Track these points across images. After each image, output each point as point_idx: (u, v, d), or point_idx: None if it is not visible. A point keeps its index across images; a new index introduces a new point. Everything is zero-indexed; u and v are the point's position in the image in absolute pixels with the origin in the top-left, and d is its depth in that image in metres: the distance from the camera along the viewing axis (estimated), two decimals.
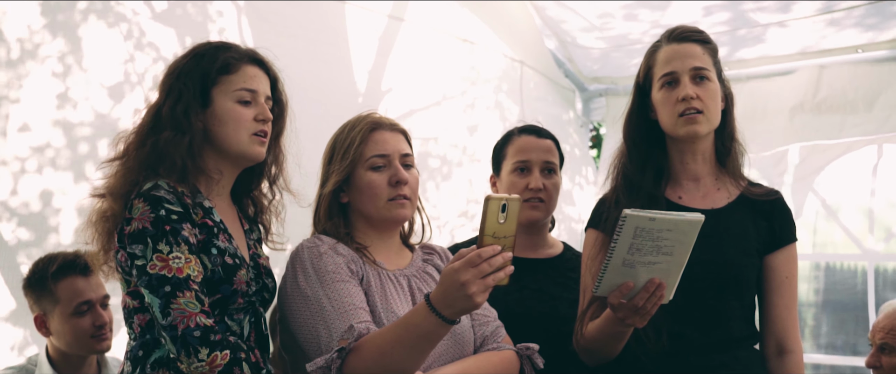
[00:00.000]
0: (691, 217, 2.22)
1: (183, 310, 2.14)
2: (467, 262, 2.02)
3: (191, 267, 2.19)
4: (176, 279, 2.16)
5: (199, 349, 2.13)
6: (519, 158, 3.06)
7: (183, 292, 2.16)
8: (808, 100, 4.99)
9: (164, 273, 2.17)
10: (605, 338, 2.53)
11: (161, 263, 2.17)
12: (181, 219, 2.22)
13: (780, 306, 2.64)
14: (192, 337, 2.13)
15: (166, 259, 2.18)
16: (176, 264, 2.17)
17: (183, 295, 2.15)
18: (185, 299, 2.15)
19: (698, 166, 2.67)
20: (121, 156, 2.35)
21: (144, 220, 2.20)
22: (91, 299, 3.05)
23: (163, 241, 2.18)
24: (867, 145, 5.11)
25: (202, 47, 2.41)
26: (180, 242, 2.19)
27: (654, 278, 2.29)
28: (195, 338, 2.13)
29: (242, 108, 2.36)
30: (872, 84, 4.82)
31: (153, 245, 2.18)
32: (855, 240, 5.36)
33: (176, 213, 2.22)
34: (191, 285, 2.17)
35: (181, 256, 2.18)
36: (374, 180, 2.46)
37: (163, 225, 2.19)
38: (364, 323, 2.24)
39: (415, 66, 4.93)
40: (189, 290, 2.16)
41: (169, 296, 2.15)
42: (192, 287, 2.17)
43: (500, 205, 2.02)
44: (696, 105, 2.56)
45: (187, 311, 2.14)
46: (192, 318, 2.14)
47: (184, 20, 3.93)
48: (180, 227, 2.21)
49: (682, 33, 2.66)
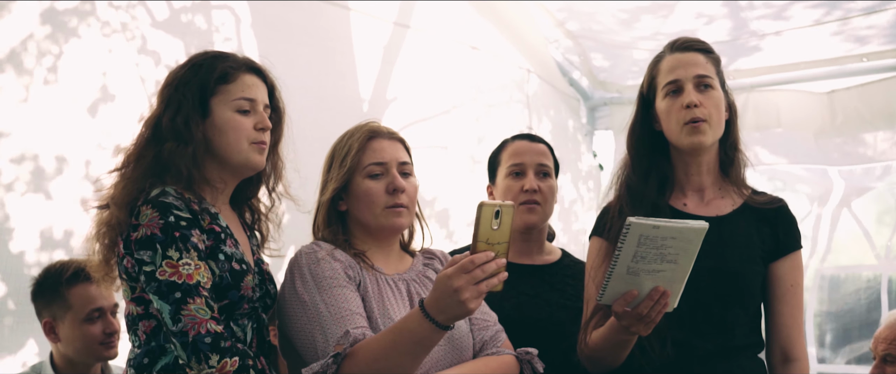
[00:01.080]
0: (695, 225, 2.21)
1: (194, 316, 2.14)
2: (460, 268, 2.02)
3: (200, 273, 2.19)
4: (186, 286, 2.16)
5: (210, 356, 2.13)
6: (513, 161, 3.07)
7: (193, 299, 2.16)
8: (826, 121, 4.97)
9: (174, 280, 2.16)
10: (609, 346, 2.52)
11: (171, 269, 2.17)
12: (190, 225, 2.22)
13: (786, 315, 2.63)
14: (203, 343, 2.13)
15: (176, 266, 2.18)
16: (186, 271, 2.17)
17: (193, 302, 2.16)
18: (196, 306, 2.15)
19: (702, 177, 2.66)
20: (121, 167, 2.35)
21: (153, 226, 2.20)
22: (103, 306, 3.06)
23: (173, 247, 2.18)
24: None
25: (199, 57, 2.42)
26: (190, 248, 2.20)
27: (658, 286, 2.28)
28: (206, 345, 2.13)
29: (241, 117, 2.36)
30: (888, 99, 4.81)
31: (163, 251, 2.18)
32: (874, 250, 5.34)
33: (185, 219, 2.22)
34: (201, 292, 2.17)
35: (191, 262, 2.18)
36: (371, 188, 2.46)
37: (172, 231, 2.19)
38: (360, 329, 2.24)
39: (420, 73, 4.93)
40: (199, 296, 2.16)
41: (179, 302, 2.15)
42: (202, 294, 2.17)
43: (494, 211, 2.02)
44: (699, 113, 2.56)
45: (198, 317, 2.15)
46: (203, 324, 2.14)
47: (189, 28, 3.94)
48: (189, 233, 2.21)
49: (684, 43, 2.67)
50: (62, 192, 3.56)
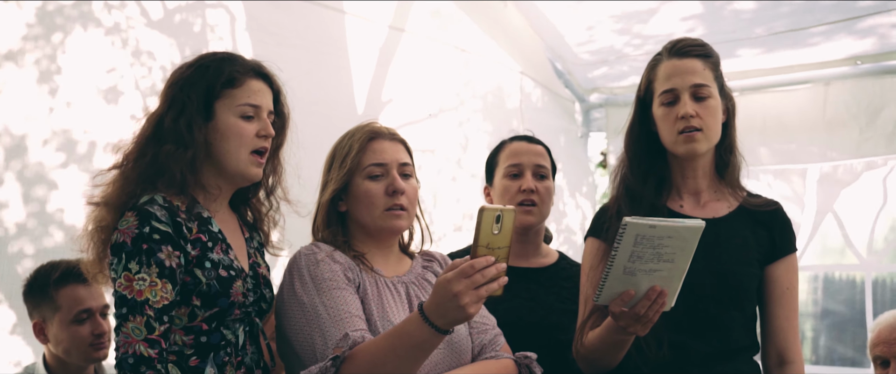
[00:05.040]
0: (692, 224, 2.21)
1: (128, 335, 2.15)
2: (460, 273, 2.01)
3: (154, 292, 2.18)
4: (133, 302, 2.16)
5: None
6: (511, 161, 3.07)
7: (134, 317, 2.16)
8: (817, 117, 4.98)
9: (125, 294, 2.17)
10: (605, 347, 2.52)
11: (126, 282, 2.18)
12: (164, 240, 2.21)
13: (781, 317, 2.63)
14: (127, 364, 2.14)
15: (132, 279, 2.18)
16: (138, 286, 2.17)
17: (133, 320, 2.16)
18: (134, 325, 2.15)
19: (698, 181, 2.67)
20: (119, 165, 2.35)
21: (127, 234, 2.20)
22: (91, 307, 3.05)
23: (134, 260, 2.18)
24: (888, 162, 5.09)
25: (207, 58, 2.40)
26: (152, 263, 2.18)
27: (655, 285, 2.28)
28: (128, 365, 2.14)
29: (245, 123, 2.35)
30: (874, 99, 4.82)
31: (125, 263, 2.19)
32: (856, 252, 5.35)
33: (160, 233, 2.20)
34: (145, 311, 2.16)
35: (147, 278, 2.18)
36: (371, 189, 2.45)
37: (140, 243, 2.19)
38: (359, 331, 2.24)
39: (414, 76, 4.93)
40: (141, 315, 2.16)
41: (122, 318, 2.17)
42: (145, 312, 2.16)
43: (495, 216, 2.02)
44: (695, 124, 2.56)
45: (131, 337, 2.15)
46: (133, 345, 2.14)
47: (182, 29, 3.92)
48: (158, 248, 2.20)
49: (682, 48, 2.65)
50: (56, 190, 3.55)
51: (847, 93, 4.91)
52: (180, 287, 2.23)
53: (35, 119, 3.50)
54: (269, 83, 2.43)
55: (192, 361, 2.26)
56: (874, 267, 5.30)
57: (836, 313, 5.59)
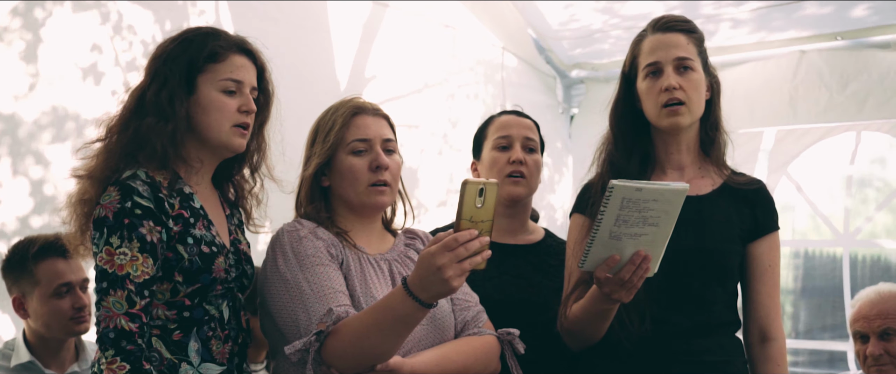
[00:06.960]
0: (676, 186, 2.23)
1: (109, 309, 2.15)
2: (444, 246, 2.02)
3: (134, 266, 2.18)
4: (113, 276, 2.17)
5: (107, 350, 2.14)
6: (500, 134, 3.05)
7: (115, 291, 2.16)
8: (785, 84, 5.00)
9: (105, 268, 2.18)
10: (589, 318, 2.53)
11: (107, 256, 2.18)
12: (145, 215, 2.21)
13: (763, 294, 2.65)
14: (108, 338, 2.14)
15: (113, 254, 2.18)
16: (119, 261, 2.17)
17: (114, 294, 2.16)
18: (115, 299, 2.16)
19: (682, 156, 2.68)
20: (103, 138, 2.34)
21: (109, 209, 2.20)
22: (71, 281, 3.03)
23: (116, 234, 2.18)
24: (846, 132, 5.12)
25: (191, 33, 2.39)
26: (133, 238, 2.18)
27: (640, 250, 2.29)
28: (109, 339, 2.14)
29: (227, 98, 2.35)
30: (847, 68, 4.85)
31: (106, 237, 2.19)
32: (831, 227, 5.38)
33: (141, 208, 2.20)
34: (126, 285, 2.16)
35: (128, 253, 2.18)
36: (354, 165, 2.44)
37: (122, 218, 2.19)
38: (343, 307, 2.24)
39: (397, 52, 4.91)
40: (122, 289, 2.16)
41: (103, 292, 2.17)
42: (126, 287, 2.16)
43: (478, 189, 2.02)
44: (678, 96, 2.57)
45: (112, 311, 2.15)
46: (114, 319, 2.15)
47: (164, 3, 3.89)
48: (139, 223, 2.19)
49: (667, 23, 2.67)
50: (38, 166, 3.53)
51: (821, 61, 4.95)
52: (162, 263, 2.23)
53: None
54: (253, 59, 2.42)
55: (175, 335, 2.27)
56: (851, 243, 5.33)
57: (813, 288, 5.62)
